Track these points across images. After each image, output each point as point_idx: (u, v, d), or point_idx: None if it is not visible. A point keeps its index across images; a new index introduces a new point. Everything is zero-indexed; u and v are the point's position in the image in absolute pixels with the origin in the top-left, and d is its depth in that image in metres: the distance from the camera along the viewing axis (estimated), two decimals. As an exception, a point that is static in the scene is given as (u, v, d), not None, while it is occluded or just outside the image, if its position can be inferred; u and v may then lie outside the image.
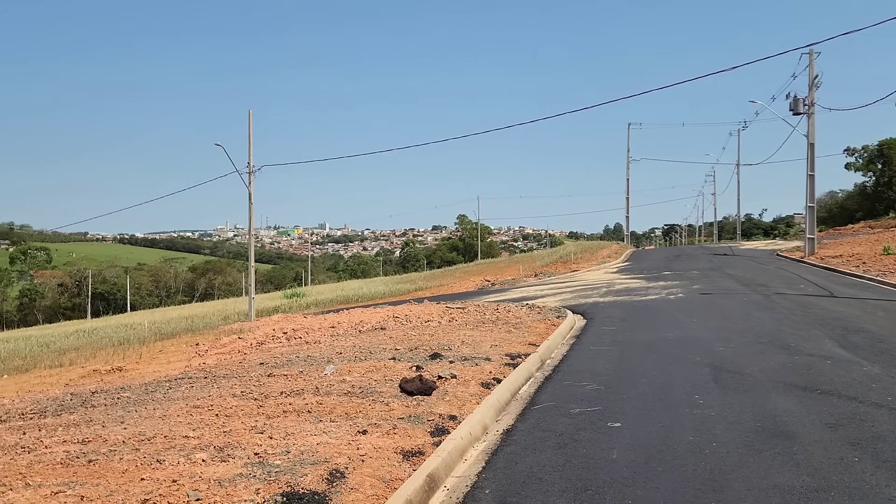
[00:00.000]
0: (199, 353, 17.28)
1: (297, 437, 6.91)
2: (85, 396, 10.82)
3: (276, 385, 9.85)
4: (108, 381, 14.23)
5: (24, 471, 6.14)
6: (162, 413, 8.42)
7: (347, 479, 5.69)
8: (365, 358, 11.88)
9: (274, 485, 5.47)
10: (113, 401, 9.94)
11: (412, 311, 20.05)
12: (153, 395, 10.00)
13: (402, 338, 14.67)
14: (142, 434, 7.29)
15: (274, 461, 6.12)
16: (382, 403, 8.37)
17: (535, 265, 50.82)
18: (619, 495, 5.41)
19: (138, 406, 9.16)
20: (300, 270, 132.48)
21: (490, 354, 11.70)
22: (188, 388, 10.33)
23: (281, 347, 15.89)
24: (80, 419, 8.63)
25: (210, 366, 13.70)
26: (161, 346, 20.51)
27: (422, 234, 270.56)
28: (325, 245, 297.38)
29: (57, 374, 17.27)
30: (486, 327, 15.72)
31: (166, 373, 13.90)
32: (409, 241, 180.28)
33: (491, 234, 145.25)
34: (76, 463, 6.31)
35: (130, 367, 16.45)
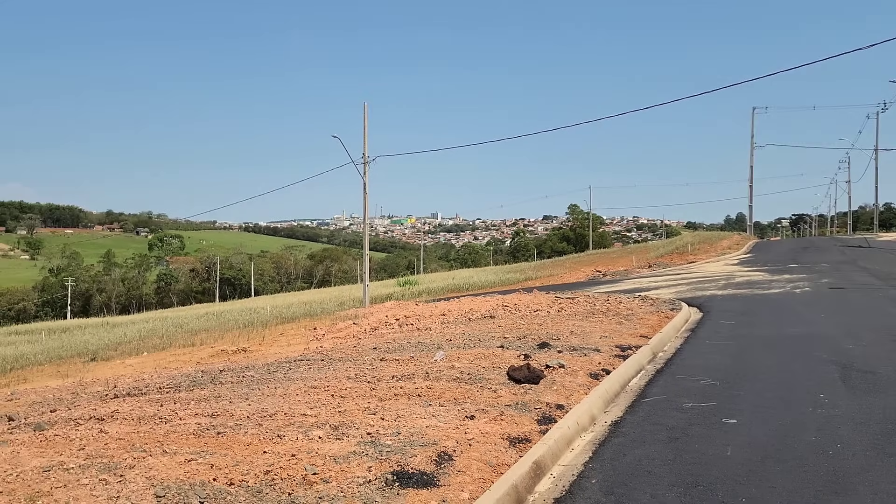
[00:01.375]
0: (317, 337, 18.06)
1: (408, 420, 7.13)
2: (214, 374, 11.59)
3: (388, 369, 10.18)
4: (234, 360, 15.14)
5: (162, 439, 6.69)
6: (282, 392, 8.91)
7: (455, 461, 5.83)
8: (474, 345, 12.04)
9: (385, 463, 5.69)
10: (238, 379, 10.59)
11: (521, 301, 20.07)
12: (274, 375, 10.57)
13: (510, 326, 14.73)
14: (264, 411, 7.75)
15: (385, 441, 6.35)
16: (490, 390, 8.48)
17: (649, 256, 49.42)
18: (732, 493, 5.26)
19: (261, 385, 9.73)
20: (412, 259, 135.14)
21: (599, 345, 11.57)
22: (306, 370, 10.85)
23: (393, 333, 16.34)
24: (210, 395, 9.26)
25: (327, 349, 14.31)
26: (282, 329, 21.58)
27: (532, 224, 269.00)
28: (437, 234, 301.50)
29: (189, 353, 18.55)
30: (595, 318, 15.52)
31: (286, 354, 14.64)
32: (520, 231, 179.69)
33: (603, 223, 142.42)
34: (206, 434, 6.80)
35: (254, 349, 17.43)
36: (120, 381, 13.41)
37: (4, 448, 6.83)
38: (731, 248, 49.46)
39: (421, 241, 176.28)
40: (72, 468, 5.74)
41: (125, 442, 6.64)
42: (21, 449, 6.70)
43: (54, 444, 6.85)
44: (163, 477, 5.46)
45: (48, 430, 7.89)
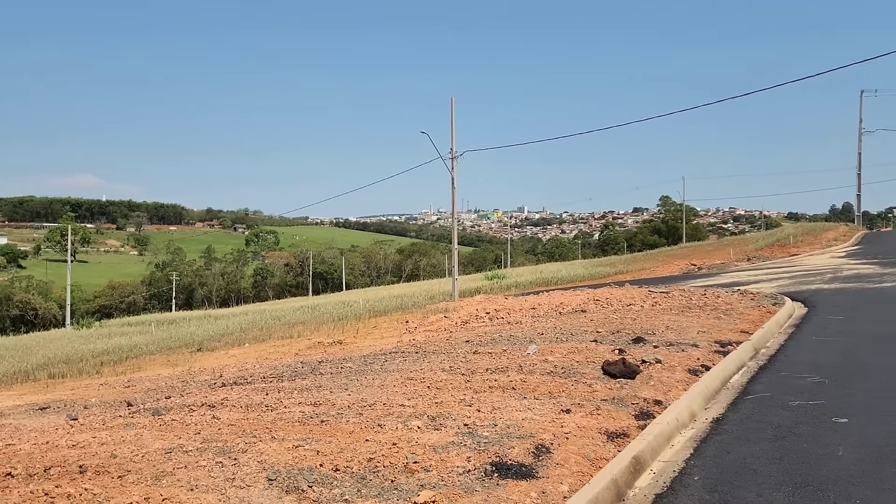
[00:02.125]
0: (409, 330, 18.39)
1: (503, 412, 7.20)
2: (313, 365, 12.02)
3: (481, 362, 10.28)
4: (331, 352, 15.63)
5: (270, 426, 7.02)
6: (380, 383, 9.15)
7: (553, 454, 5.86)
8: (566, 339, 11.97)
9: (484, 454, 5.78)
10: (337, 370, 10.95)
11: (613, 295, 19.76)
12: (371, 367, 10.87)
13: (602, 321, 14.55)
14: (364, 401, 8.00)
15: (482, 432, 6.45)
16: (585, 384, 8.44)
17: (748, 248, 47.50)
18: (845, 494, 5.05)
19: (359, 376, 10.02)
20: (499, 253, 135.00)
21: (697, 340, 11.27)
22: (402, 362, 11.10)
23: (484, 327, 16.44)
24: (311, 384, 9.63)
25: (420, 342, 14.55)
26: (375, 322, 22.08)
27: (621, 217, 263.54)
28: (524, 228, 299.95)
29: (287, 345, 19.27)
30: (692, 312, 15.11)
31: (381, 347, 14.99)
32: (609, 224, 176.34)
33: (697, 215, 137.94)
34: (311, 422, 7.09)
35: (349, 341, 17.93)
36: (225, 371, 14.10)
37: (129, 431, 7.35)
38: (838, 240, 46.90)
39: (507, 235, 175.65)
40: (190, 451, 6.12)
41: (236, 428, 7.01)
42: (143, 432, 7.18)
43: (172, 428, 7.30)
44: (273, 461, 5.74)
45: (165, 415, 8.41)
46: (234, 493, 5.08)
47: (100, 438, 7.05)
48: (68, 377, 19.54)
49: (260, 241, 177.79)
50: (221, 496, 5.00)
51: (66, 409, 11.66)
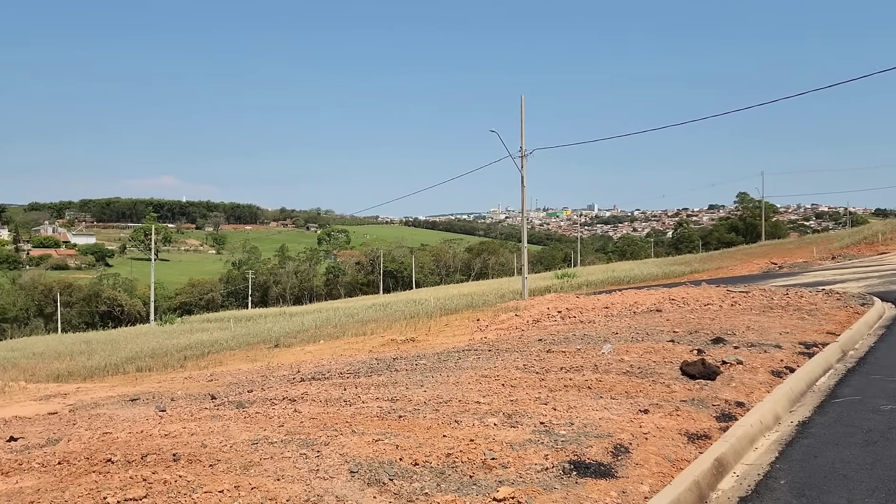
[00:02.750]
0: (481, 328, 18.45)
1: (580, 411, 7.17)
2: (388, 362, 12.23)
3: (555, 360, 10.25)
4: (404, 349, 15.85)
5: (349, 420, 7.20)
6: (455, 380, 9.24)
7: (632, 454, 5.80)
8: (642, 339, 11.79)
9: (561, 452, 5.78)
10: (412, 367, 11.11)
11: (689, 294, 19.30)
12: (445, 364, 10.98)
13: (679, 320, 14.26)
14: (439, 397, 8.10)
15: (559, 431, 6.44)
16: (663, 385, 8.30)
17: (832, 247, 45.56)
18: (945, 503, 4.83)
19: (434, 372, 10.14)
20: (569, 251, 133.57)
21: (780, 341, 10.92)
22: (475, 359, 11.17)
23: (556, 325, 16.35)
24: (387, 381, 9.80)
25: (491, 340, 14.60)
26: (446, 320, 22.25)
27: (696, 214, 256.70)
28: (594, 226, 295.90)
29: (361, 342, 19.63)
30: (774, 313, 14.63)
31: (453, 344, 15.10)
32: (683, 222, 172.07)
33: (776, 212, 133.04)
34: (389, 417, 7.23)
35: (421, 338, 18.13)
36: (302, 367, 14.48)
37: (216, 423, 7.67)
38: (930, 238, 44.45)
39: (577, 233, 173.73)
40: (275, 442, 6.35)
41: (318, 421, 7.22)
42: (230, 424, 7.48)
43: (257, 421, 7.58)
44: (354, 454, 5.89)
45: (249, 408, 8.73)
46: (319, 483, 5.24)
47: (190, 429, 7.38)
48: (154, 370, 20.45)
49: (332, 240, 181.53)
50: (306, 487, 5.17)
51: (154, 400, 12.22)
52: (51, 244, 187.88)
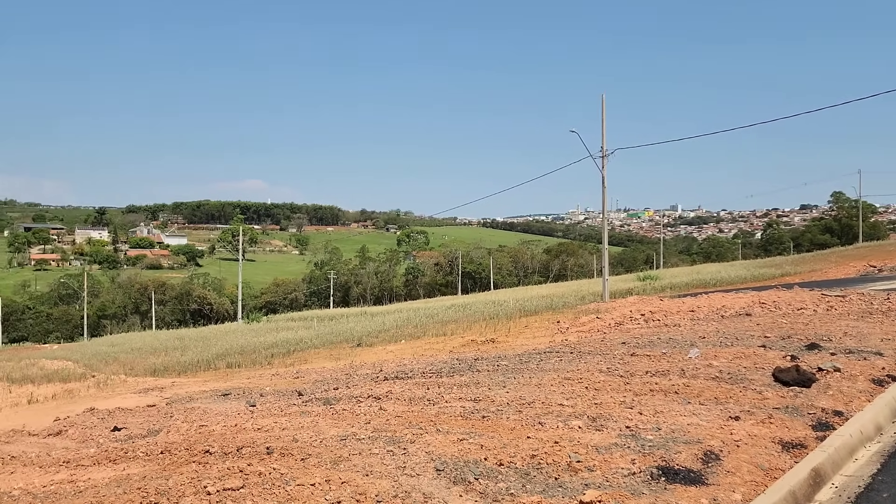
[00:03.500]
0: (561, 330, 18.30)
1: (667, 416, 7.03)
2: (469, 362, 12.30)
3: (639, 364, 10.07)
4: (484, 350, 15.89)
5: (434, 419, 7.30)
6: (537, 382, 9.22)
7: (723, 461, 5.66)
8: (731, 344, 11.44)
9: (649, 457, 5.69)
10: (493, 367, 11.14)
11: (780, 298, 18.57)
12: (527, 365, 10.96)
13: (770, 325, 13.74)
14: (522, 398, 8.10)
15: (646, 435, 6.34)
16: (754, 391, 8.04)
17: (937, 249, 42.77)
18: None
19: (515, 374, 10.15)
20: (651, 253, 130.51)
21: (881, 348, 10.38)
22: (557, 361, 11.10)
23: (639, 329, 16.04)
24: (469, 381, 9.87)
25: (573, 342, 14.46)
26: (525, 321, 22.16)
27: (787, 215, 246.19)
28: (677, 227, 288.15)
29: (442, 342, 19.79)
30: (874, 318, 13.90)
31: (533, 346, 15.04)
32: (772, 222, 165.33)
33: (875, 212, 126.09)
34: (472, 417, 7.30)
35: (501, 339, 18.13)
36: (385, 366, 14.73)
37: (305, 418, 7.92)
38: None
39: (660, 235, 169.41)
40: (363, 439, 6.51)
41: (403, 419, 7.35)
42: (318, 420, 7.71)
43: (344, 417, 7.78)
44: (440, 452, 5.98)
45: (336, 405, 8.97)
46: (406, 480, 5.35)
47: (281, 424, 7.66)
48: (243, 367, 21.22)
49: (411, 241, 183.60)
50: (394, 483, 5.28)
51: (244, 396, 12.71)
52: (146, 245, 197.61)
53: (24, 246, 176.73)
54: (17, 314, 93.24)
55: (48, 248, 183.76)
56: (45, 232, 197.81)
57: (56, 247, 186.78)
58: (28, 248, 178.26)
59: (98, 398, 16.16)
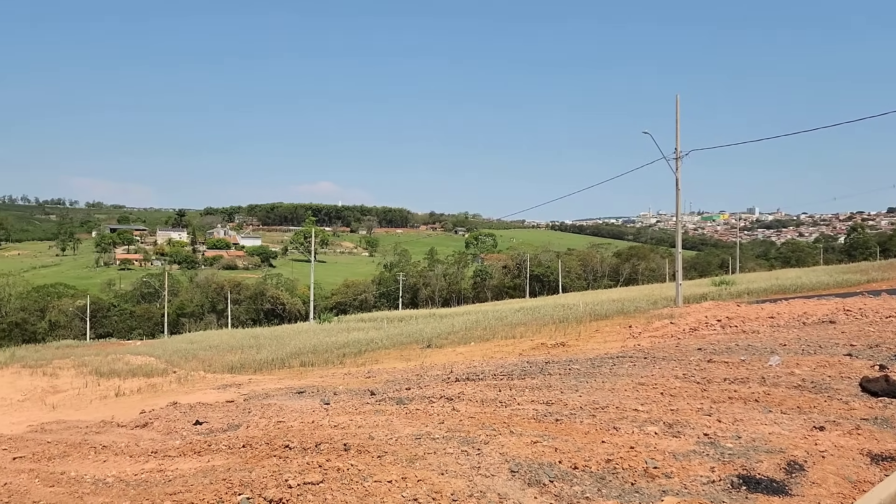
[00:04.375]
0: (633, 335, 17.99)
1: (747, 424, 6.85)
2: (540, 365, 12.25)
3: (717, 371, 9.83)
4: (554, 353, 15.78)
5: (507, 421, 7.32)
6: (610, 386, 9.12)
7: (807, 472, 5.48)
8: (814, 352, 11.03)
9: (729, 466, 5.57)
10: (565, 371, 11.07)
11: (867, 305, 17.75)
12: (599, 370, 10.84)
13: (856, 333, 13.17)
14: (595, 403, 8.03)
15: (725, 443, 6.20)
16: (840, 401, 7.74)
17: None
18: None
19: (588, 378, 10.06)
20: (726, 257, 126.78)
21: (980, 360, 9.82)
22: (630, 366, 10.94)
23: (715, 335, 15.63)
24: (541, 384, 9.84)
25: (646, 347, 14.21)
26: (596, 326, 21.89)
27: (873, 218, 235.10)
28: (754, 231, 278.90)
29: (511, 345, 19.76)
30: (970, 328, 13.16)
31: (605, 350, 14.85)
32: (858, 226, 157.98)
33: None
34: (545, 420, 7.28)
35: (571, 343, 17.97)
36: (455, 367, 14.82)
37: (380, 417, 8.06)
38: None
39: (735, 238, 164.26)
40: (437, 438, 6.59)
41: (476, 420, 7.40)
42: (392, 419, 7.84)
43: (417, 417, 7.89)
44: (514, 454, 6.00)
45: (409, 404, 9.09)
46: (481, 480, 5.39)
47: (356, 422, 7.82)
48: (316, 366, 21.69)
49: (479, 244, 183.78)
50: (469, 483, 5.34)
51: (318, 394, 13.00)
52: (222, 246, 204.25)
53: (109, 246, 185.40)
54: (103, 311, 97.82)
55: (132, 249, 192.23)
56: (128, 233, 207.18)
57: (139, 247, 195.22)
58: (113, 248, 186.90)
59: (179, 393, 16.81)
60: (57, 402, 17.10)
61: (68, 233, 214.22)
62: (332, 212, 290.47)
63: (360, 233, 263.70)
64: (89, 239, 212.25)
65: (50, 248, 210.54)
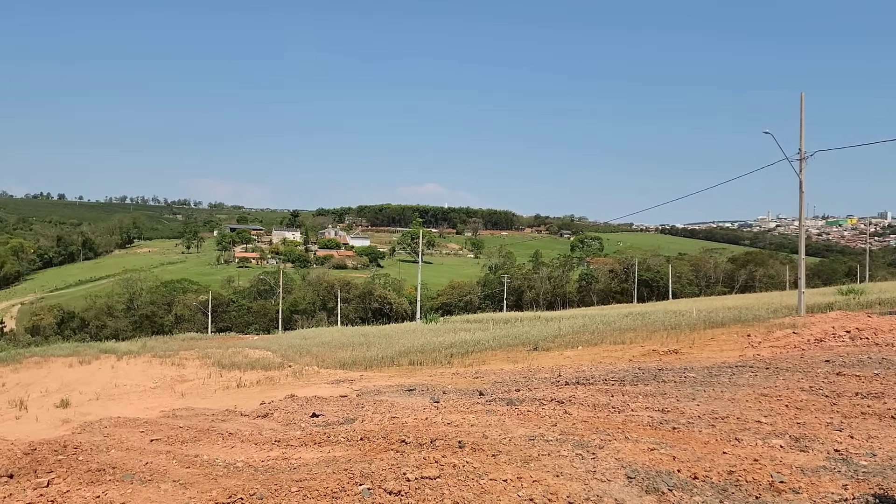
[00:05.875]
0: (752, 345, 17.20)
1: (883, 441, 6.45)
2: (653, 372, 11.95)
3: (847, 385, 9.27)
4: (667, 360, 15.33)
5: (621, 426, 7.21)
6: (730, 396, 8.79)
7: (955, 496, 5.09)
8: (959, 368, 10.20)
9: (863, 484, 5.27)
10: (680, 379, 10.75)
11: None
12: (718, 379, 10.46)
13: None
14: (714, 412, 7.77)
15: (858, 461, 5.86)
16: None
17: None
18: None
19: (705, 387, 9.73)
20: (853, 265, 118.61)
21: None
22: (751, 377, 10.49)
23: (844, 347, 14.71)
24: (655, 391, 9.61)
25: (766, 357, 13.57)
26: (711, 333, 21.05)
27: None
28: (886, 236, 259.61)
29: (620, 350, 19.34)
30: None
31: (722, 359, 14.29)
32: None
33: None
34: (662, 427, 7.12)
35: (685, 351, 17.39)
36: (563, 370, 14.68)
37: (491, 416, 8.13)
38: None
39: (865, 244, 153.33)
40: (550, 440, 6.58)
41: (589, 424, 7.33)
42: (504, 419, 7.89)
43: (529, 418, 7.90)
44: (630, 460, 5.91)
45: (519, 405, 9.12)
46: (596, 485, 5.35)
47: (469, 420, 7.92)
48: (424, 364, 22.04)
49: (585, 247, 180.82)
50: (585, 486, 5.31)
51: (428, 392, 13.23)
52: (333, 246, 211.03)
53: (229, 245, 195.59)
54: (223, 307, 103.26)
55: (249, 247, 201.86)
56: (247, 232, 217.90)
57: (256, 246, 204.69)
58: (233, 246, 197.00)
59: (296, 386, 17.55)
60: (185, 391, 18.25)
61: (193, 232, 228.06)
62: (438, 213, 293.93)
63: (465, 234, 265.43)
64: (211, 238, 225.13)
65: (176, 245, 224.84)
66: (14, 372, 25.11)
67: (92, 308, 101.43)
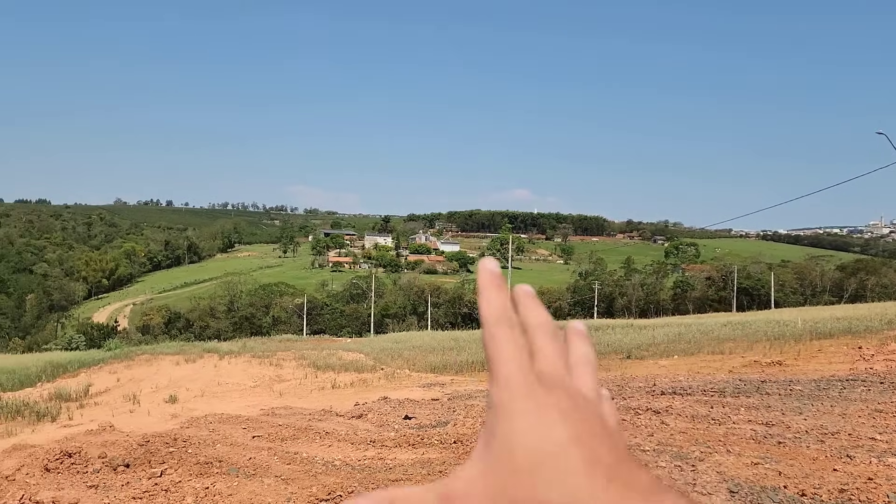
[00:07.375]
0: (864, 357, 16.21)
1: None
2: (755, 384, 11.47)
3: (974, 403, 8.61)
4: (770, 372, 14.68)
5: (722, 439, 6.97)
6: (840, 411, 8.34)
7: None
8: None
9: None
10: (785, 391, 10.28)
11: None
12: (826, 393, 9.94)
13: None
14: (823, 428, 7.39)
15: None
16: None
17: None
18: None
19: (812, 400, 9.27)
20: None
21: None
22: (864, 391, 9.91)
23: (969, 362, 13.66)
24: (758, 403, 9.22)
25: (881, 372, 12.78)
26: (818, 345, 19.99)
27: None
28: None
29: (718, 360, 18.65)
30: None
31: (830, 372, 13.56)
32: None
33: None
34: (766, 441, 6.83)
35: (789, 363, 16.59)
36: (657, 380, 14.30)
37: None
38: None
39: None
40: (647, 451, 6.44)
41: (688, 436, 7.12)
42: (599, 427, 7.77)
43: (624, 428, 7.75)
44: (732, 474, 5.71)
45: (614, 414, 8.96)
46: (697, 498, 5.20)
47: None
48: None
49: (680, 254, 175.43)
50: (685, 499, 5.16)
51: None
52: (423, 251, 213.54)
53: (323, 249, 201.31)
54: (317, 310, 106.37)
55: (342, 252, 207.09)
56: (340, 237, 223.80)
57: (349, 251, 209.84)
58: (327, 251, 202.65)
59: (388, 388, 17.86)
60: (282, 390, 18.90)
61: (289, 236, 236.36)
62: (527, 219, 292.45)
63: (554, 240, 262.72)
64: (306, 242, 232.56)
65: (274, 249, 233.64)
66: (128, 368, 26.75)
67: (196, 309, 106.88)
